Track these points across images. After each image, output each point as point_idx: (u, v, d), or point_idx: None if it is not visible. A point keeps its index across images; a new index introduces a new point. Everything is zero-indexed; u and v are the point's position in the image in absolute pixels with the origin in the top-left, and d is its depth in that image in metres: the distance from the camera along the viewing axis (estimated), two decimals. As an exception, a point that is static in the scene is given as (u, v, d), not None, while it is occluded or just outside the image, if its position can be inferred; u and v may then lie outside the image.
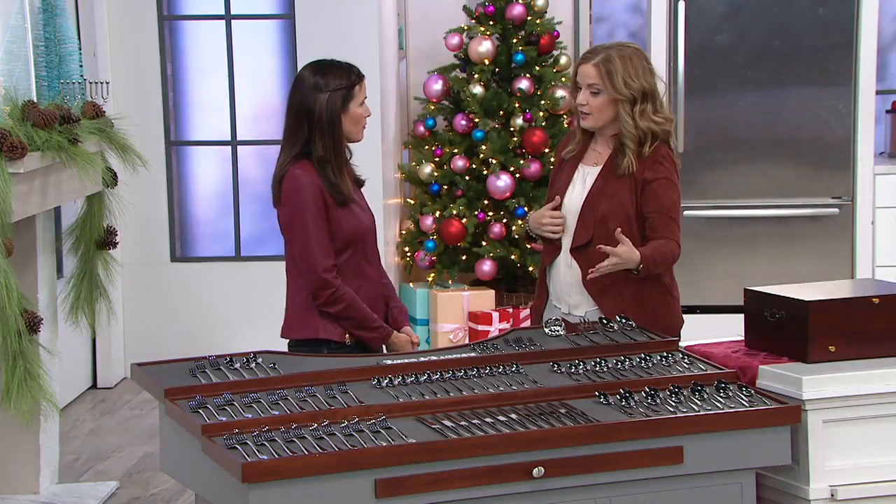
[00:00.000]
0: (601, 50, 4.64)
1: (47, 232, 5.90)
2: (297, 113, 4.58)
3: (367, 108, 4.64)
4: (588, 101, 4.61)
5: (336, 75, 4.58)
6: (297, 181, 4.53)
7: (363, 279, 4.63)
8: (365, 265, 4.64)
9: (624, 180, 4.60)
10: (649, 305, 4.58)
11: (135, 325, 8.26)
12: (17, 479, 5.84)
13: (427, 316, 8.39)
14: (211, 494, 3.65)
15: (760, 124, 8.29)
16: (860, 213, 8.30)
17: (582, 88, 4.63)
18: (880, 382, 3.91)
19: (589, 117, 4.63)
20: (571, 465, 3.60)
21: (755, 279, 5.26)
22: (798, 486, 3.86)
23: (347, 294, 4.53)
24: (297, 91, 4.61)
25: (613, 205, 4.59)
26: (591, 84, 4.60)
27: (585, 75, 4.62)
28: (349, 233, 4.57)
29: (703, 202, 8.24)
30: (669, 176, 4.61)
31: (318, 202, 4.52)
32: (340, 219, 4.55)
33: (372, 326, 4.59)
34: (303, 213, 4.52)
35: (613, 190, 4.60)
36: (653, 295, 4.61)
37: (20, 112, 5.29)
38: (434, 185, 8.46)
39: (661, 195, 4.58)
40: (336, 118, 4.55)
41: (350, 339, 4.57)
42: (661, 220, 4.58)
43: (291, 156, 4.57)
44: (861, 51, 8.19)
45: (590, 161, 4.70)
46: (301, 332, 4.60)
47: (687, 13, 8.20)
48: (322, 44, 7.84)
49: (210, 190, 8.52)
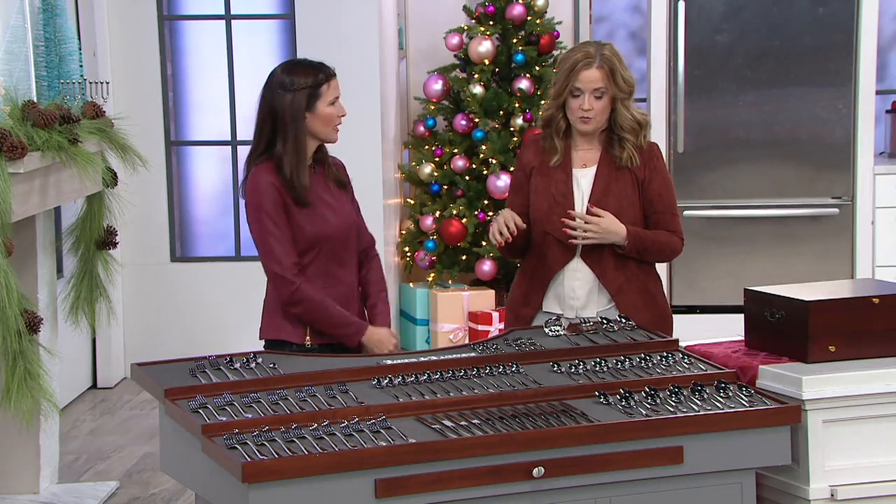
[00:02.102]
0: (592, 53, 4.59)
1: (47, 232, 5.90)
2: (264, 111, 4.53)
3: (339, 108, 4.53)
4: (593, 106, 4.58)
5: (303, 74, 4.51)
6: (255, 182, 4.49)
7: (332, 282, 4.55)
8: (335, 268, 4.57)
9: (624, 177, 4.63)
10: (658, 299, 4.69)
11: (135, 325, 8.26)
12: (17, 479, 5.84)
13: (427, 316, 8.39)
14: (211, 494, 3.65)
15: (760, 124, 8.29)
16: (860, 213, 8.30)
17: (584, 94, 4.58)
18: (880, 382, 3.91)
19: (591, 122, 4.61)
20: (571, 465, 3.60)
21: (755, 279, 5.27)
22: (798, 486, 3.86)
23: (308, 294, 4.47)
24: (265, 89, 4.55)
25: (621, 204, 4.61)
26: (597, 88, 4.57)
27: (591, 80, 4.57)
28: (312, 235, 4.51)
29: (703, 202, 8.24)
30: (665, 173, 4.71)
31: (277, 202, 4.46)
32: (302, 220, 4.50)
33: (343, 323, 4.50)
34: (260, 213, 4.48)
35: (619, 189, 4.62)
36: (657, 290, 4.71)
37: (20, 112, 5.29)
38: (434, 185, 8.47)
39: (664, 194, 4.66)
40: (299, 118, 4.47)
41: (311, 342, 4.52)
42: (665, 218, 4.66)
43: (256, 154, 4.53)
44: (861, 51, 8.19)
45: (578, 164, 4.69)
46: (268, 333, 4.59)
47: (687, 13, 8.20)
48: (322, 44, 7.85)
49: (210, 190, 8.52)
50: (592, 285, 4.65)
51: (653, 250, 4.64)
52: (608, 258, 4.62)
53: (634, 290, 4.65)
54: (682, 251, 4.76)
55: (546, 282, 4.69)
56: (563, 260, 4.66)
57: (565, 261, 4.66)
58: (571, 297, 4.66)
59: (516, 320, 4.73)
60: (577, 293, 4.65)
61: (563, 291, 4.68)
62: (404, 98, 8.89)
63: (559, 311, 4.65)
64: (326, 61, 4.61)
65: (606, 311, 4.63)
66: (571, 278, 4.66)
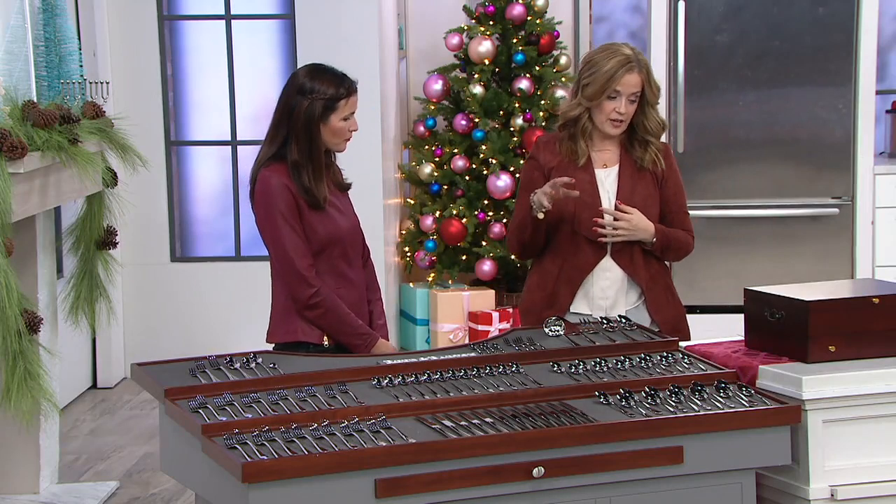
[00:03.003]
0: (631, 56, 4.62)
1: (47, 232, 5.90)
2: (281, 112, 4.51)
3: (353, 123, 4.52)
4: (628, 110, 4.63)
5: (325, 83, 4.48)
6: (266, 183, 4.47)
7: (344, 283, 4.55)
8: (346, 269, 4.57)
9: (646, 177, 4.71)
10: (677, 296, 4.78)
11: (135, 325, 8.26)
12: (17, 479, 5.84)
13: (427, 316, 8.39)
14: (211, 494, 3.65)
15: (760, 124, 8.29)
16: (860, 213, 8.30)
17: (622, 97, 4.60)
18: (880, 382, 3.91)
19: (622, 125, 4.66)
20: (571, 465, 3.60)
21: (755, 279, 5.27)
22: (798, 486, 3.86)
23: (327, 299, 4.47)
24: (285, 90, 4.54)
25: (646, 203, 4.68)
26: (635, 92, 4.62)
27: (632, 84, 4.60)
28: (324, 236, 4.50)
29: (703, 202, 8.24)
30: (678, 173, 4.81)
31: (290, 204, 4.45)
32: (314, 222, 4.49)
33: (356, 333, 4.50)
34: (274, 215, 4.45)
35: (643, 189, 4.69)
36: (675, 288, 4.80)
37: (20, 112, 5.29)
38: (434, 185, 8.47)
39: (678, 194, 4.77)
40: (313, 126, 4.46)
41: (329, 342, 4.52)
42: (679, 218, 4.76)
43: (268, 155, 4.51)
44: (861, 51, 8.19)
45: (599, 164, 4.73)
46: (282, 336, 4.55)
47: (687, 13, 8.20)
48: (322, 44, 7.85)
49: (210, 190, 8.52)
50: (621, 284, 4.69)
51: (674, 248, 4.72)
52: (637, 255, 4.68)
53: (660, 286, 4.73)
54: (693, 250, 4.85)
55: (577, 283, 4.69)
56: (595, 260, 4.68)
57: (596, 260, 4.68)
58: (601, 297, 4.69)
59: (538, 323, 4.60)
60: (606, 293, 4.69)
61: (592, 291, 4.70)
62: (404, 98, 8.89)
63: (588, 311, 4.67)
64: (327, 61, 4.61)
65: (634, 308, 4.69)
66: (601, 278, 4.69)
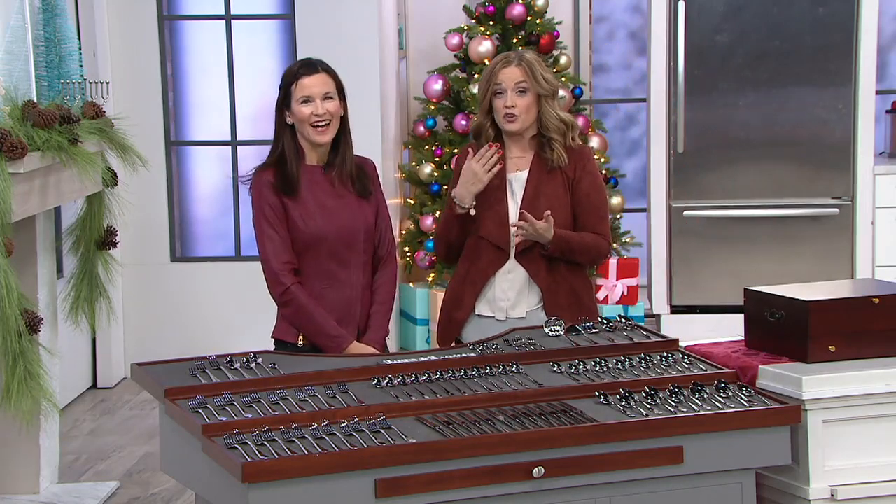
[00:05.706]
0: (511, 55, 4.75)
1: (47, 232, 5.90)
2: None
3: (314, 107, 4.53)
4: (516, 103, 4.68)
5: (288, 71, 4.62)
6: (255, 182, 4.59)
7: (332, 283, 4.56)
8: (336, 269, 4.57)
9: (556, 177, 4.74)
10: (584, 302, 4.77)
11: (135, 325, 8.26)
12: (17, 479, 5.84)
13: (427, 316, 8.39)
14: (211, 494, 3.65)
15: (760, 124, 8.29)
16: (860, 213, 8.30)
17: (507, 92, 4.67)
18: (880, 382, 3.91)
19: (517, 119, 4.70)
20: (571, 465, 3.60)
21: (755, 279, 5.26)
22: (798, 486, 3.86)
23: (297, 297, 4.50)
24: None
25: (552, 205, 4.70)
26: (519, 83, 4.68)
27: (511, 77, 4.69)
28: (307, 235, 4.53)
29: (703, 202, 8.24)
30: (596, 176, 4.81)
31: (273, 202, 4.53)
32: (298, 220, 4.53)
33: (324, 333, 4.51)
34: (256, 213, 4.57)
35: (549, 190, 4.73)
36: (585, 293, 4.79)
37: (20, 112, 5.29)
38: (434, 185, 8.47)
39: (592, 195, 4.76)
40: (278, 113, 4.59)
41: (304, 342, 4.55)
42: (592, 220, 4.75)
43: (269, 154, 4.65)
44: (861, 51, 8.19)
45: (512, 169, 4.79)
46: (275, 332, 4.64)
47: (687, 13, 8.20)
48: (322, 44, 7.84)
49: (210, 190, 8.52)
50: (523, 286, 4.74)
51: (578, 251, 4.72)
52: (540, 259, 4.72)
53: (563, 290, 4.74)
54: (608, 254, 4.88)
55: (479, 286, 4.77)
56: (498, 263, 4.75)
57: (499, 263, 4.75)
58: (502, 299, 4.75)
59: (449, 322, 4.82)
60: (507, 294, 4.75)
61: (494, 294, 4.76)
62: (404, 98, 8.89)
63: (490, 313, 4.76)
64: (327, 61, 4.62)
65: (535, 310, 4.73)
66: (503, 280, 4.75)
